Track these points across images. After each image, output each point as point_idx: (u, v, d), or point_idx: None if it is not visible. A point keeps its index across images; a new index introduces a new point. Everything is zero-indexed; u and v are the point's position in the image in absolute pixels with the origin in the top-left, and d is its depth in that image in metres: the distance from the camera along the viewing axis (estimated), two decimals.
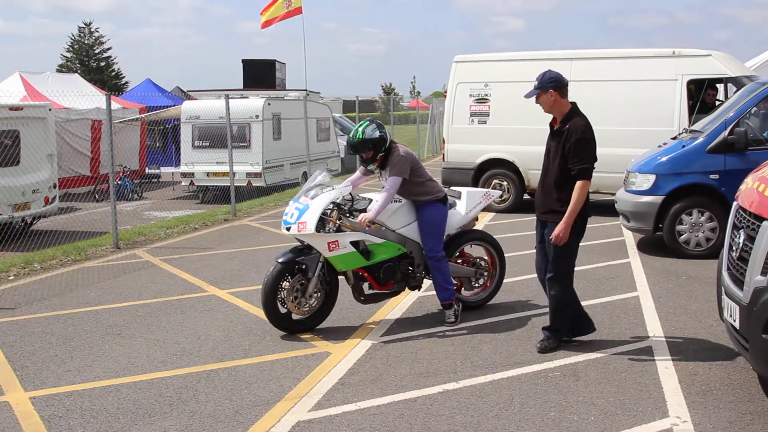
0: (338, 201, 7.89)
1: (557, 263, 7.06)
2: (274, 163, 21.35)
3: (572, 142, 6.86)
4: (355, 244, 7.82)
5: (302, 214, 7.73)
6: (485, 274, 8.82)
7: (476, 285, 8.82)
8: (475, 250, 8.96)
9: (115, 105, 17.52)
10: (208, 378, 6.71)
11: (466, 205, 8.63)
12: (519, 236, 13.18)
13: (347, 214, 7.91)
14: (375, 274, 8.11)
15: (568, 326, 7.29)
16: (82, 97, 21.20)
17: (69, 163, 21.39)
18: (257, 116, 20.77)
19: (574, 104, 7.12)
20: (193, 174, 21.09)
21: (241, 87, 41.86)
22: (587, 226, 7.15)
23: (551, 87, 7.03)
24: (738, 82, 14.63)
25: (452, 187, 9.27)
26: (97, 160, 23.05)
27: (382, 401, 6.08)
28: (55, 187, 16.25)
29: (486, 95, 16.85)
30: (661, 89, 15.13)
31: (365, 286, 8.21)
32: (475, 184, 16.33)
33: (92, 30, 69.71)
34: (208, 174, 20.84)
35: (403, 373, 6.69)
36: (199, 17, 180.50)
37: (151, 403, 6.16)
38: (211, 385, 6.54)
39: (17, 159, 15.25)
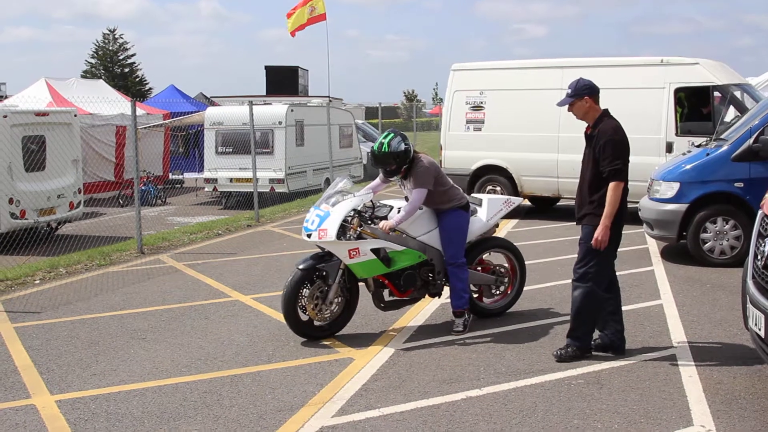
0: (359, 208, 7.87)
1: (584, 265, 7.02)
2: (297, 169, 21.41)
3: (601, 144, 6.87)
4: (375, 251, 7.80)
5: (323, 221, 7.72)
6: (505, 281, 8.78)
7: (496, 293, 8.78)
8: (496, 258, 8.94)
9: (139, 111, 17.66)
10: (232, 383, 6.75)
11: (488, 212, 8.60)
12: (541, 243, 13.17)
13: (368, 222, 7.90)
14: (395, 282, 8.08)
15: (590, 335, 7.22)
16: (107, 103, 21.38)
17: (94, 169, 21.56)
18: (280, 122, 20.82)
19: (606, 110, 7.12)
20: (216, 180, 21.18)
21: (264, 93, 42.06)
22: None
23: (586, 93, 7.03)
24: (724, 91, 14.77)
25: (473, 194, 9.28)
26: (121, 166, 23.21)
27: (406, 407, 6.09)
28: (80, 192, 16.39)
29: (481, 103, 17.21)
30: (650, 97, 15.25)
31: (385, 293, 8.20)
32: (470, 189, 16.61)
33: (116, 36, 70.25)
34: (231, 180, 20.92)
35: (426, 380, 6.70)
36: (221, 24, 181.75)
37: (176, 408, 6.21)
38: (235, 389, 6.58)
39: (43, 164, 15.40)
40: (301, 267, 7.80)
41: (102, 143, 22.68)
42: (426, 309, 9.01)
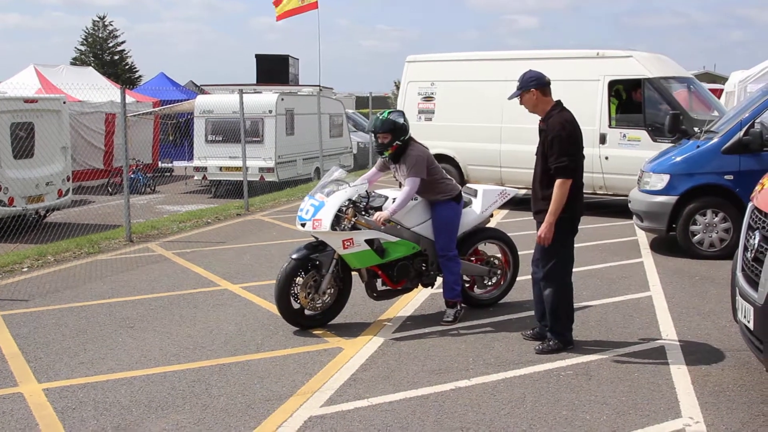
0: (354, 198, 7.85)
1: (546, 263, 7.07)
2: (287, 158, 21.37)
3: (549, 140, 6.87)
4: (369, 242, 7.79)
5: (318, 211, 7.70)
6: (498, 272, 8.79)
7: (489, 283, 8.79)
8: (490, 248, 8.94)
9: (129, 98, 17.60)
10: (220, 372, 6.73)
11: (482, 203, 8.60)
12: (531, 234, 13.14)
13: (363, 212, 7.88)
14: (389, 272, 8.07)
15: (569, 329, 7.23)
16: (97, 90, 21.25)
17: (83, 156, 21.46)
18: (270, 111, 20.77)
19: (557, 102, 7.10)
20: (206, 168, 21.11)
21: (255, 82, 41.93)
22: (596, 226, 7.11)
23: (533, 86, 7.02)
24: (653, 83, 15.05)
25: (468, 185, 9.28)
26: (110, 154, 23.12)
27: (395, 397, 6.08)
28: (68, 179, 16.31)
29: (432, 93, 17.75)
30: (586, 89, 15.53)
31: (378, 282, 8.19)
32: None
33: (106, 24, 69.80)
34: (220, 168, 20.86)
35: (416, 370, 6.69)
36: (212, 12, 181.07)
37: (164, 397, 6.19)
38: (224, 379, 6.56)
39: (31, 151, 15.32)
40: (294, 257, 7.80)
41: (91, 131, 22.57)
42: (416, 299, 9.00)
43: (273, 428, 5.56)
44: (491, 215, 8.84)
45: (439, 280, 8.40)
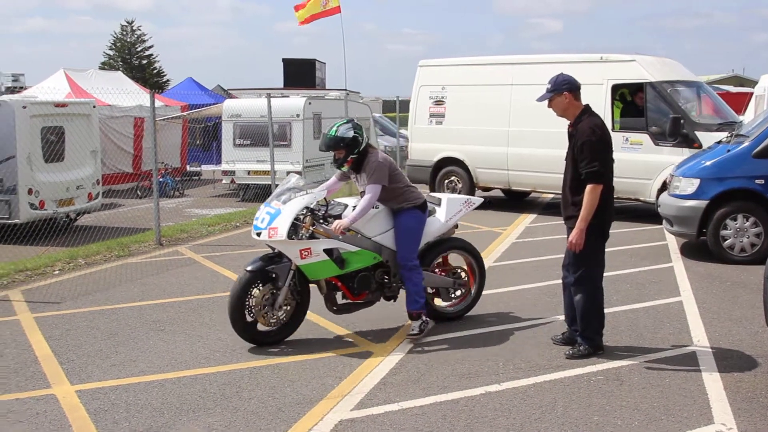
0: (312, 206, 7.51)
1: (577, 268, 7.04)
2: (315, 162, 21.39)
3: (579, 145, 6.83)
4: (328, 252, 7.47)
5: (273, 219, 7.39)
6: (464, 284, 8.49)
7: (454, 296, 8.48)
8: (455, 260, 8.66)
9: (157, 103, 17.68)
10: (251, 375, 6.77)
11: (446, 212, 8.28)
12: (560, 239, 13.10)
13: (321, 221, 7.55)
14: (349, 284, 7.75)
15: (600, 334, 7.20)
16: (125, 94, 21.39)
17: (112, 160, 21.59)
18: (298, 115, 20.81)
19: (586, 106, 7.06)
20: (233, 172, 21.19)
21: (281, 86, 42.09)
22: (625, 231, 7.08)
23: (566, 89, 6.99)
24: (656, 87, 15.01)
25: (432, 194, 8.92)
26: (139, 157, 23.24)
27: (425, 402, 6.09)
28: (98, 183, 16.43)
29: (442, 98, 18.01)
30: (590, 94, 15.24)
31: (338, 295, 7.86)
32: (433, 180, 17.99)
33: (134, 28, 70.35)
34: (248, 172, 20.92)
35: (445, 374, 6.69)
36: (238, 17, 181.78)
37: (195, 399, 6.22)
38: (254, 382, 6.59)
39: (62, 155, 15.45)
40: (249, 269, 7.48)
41: (120, 135, 22.72)
42: None
43: (303, 431, 5.58)
44: (456, 225, 8.53)
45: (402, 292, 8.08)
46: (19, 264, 11.43)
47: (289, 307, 7.58)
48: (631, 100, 15.69)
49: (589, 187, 6.74)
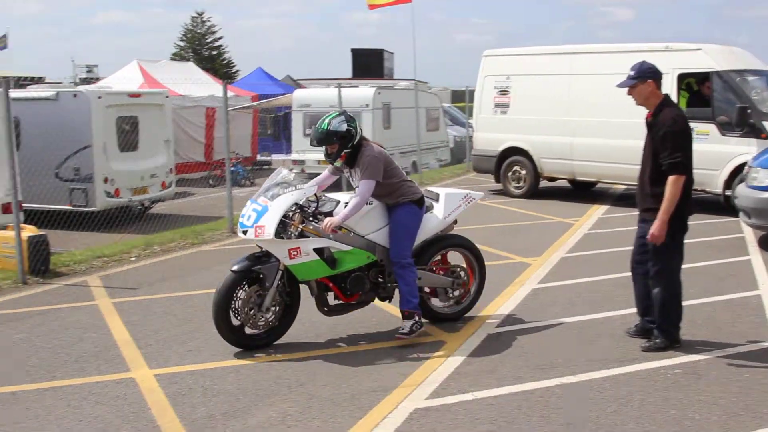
0: (301, 202, 7.07)
1: (657, 261, 6.91)
2: None
3: (660, 135, 6.69)
4: (319, 251, 7.04)
5: (261, 217, 6.95)
6: (463, 284, 8.04)
7: (452, 296, 8.02)
8: (454, 258, 8.23)
9: (228, 93, 17.88)
10: (325, 362, 6.82)
11: (444, 208, 7.82)
12: (633, 231, 12.94)
13: (311, 218, 7.13)
14: (341, 285, 7.32)
15: (677, 327, 7.08)
16: (197, 84, 21.71)
17: (184, 150, 21.94)
18: (367, 105, 20.87)
19: (666, 96, 6.93)
20: (303, 161, 21.36)
21: (350, 76, 42.22)
22: (701, 222, 6.95)
23: (650, 76, 6.85)
24: (722, 77, 14.69)
25: (429, 188, 8.45)
26: (210, 147, 23.58)
27: (499, 392, 6.06)
28: (171, 172, 16.75)
29: (507, 87, 18.00)
30: None
31: (330, 296, 7.45)
32: (498, 170, 18.03)
33: (204, 20, 71.13)
34: (318, 162, 21.01)
35: (519, 365, 6.65)
36: (307, 8, 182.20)
37: (270, 385, 6.29)
38: (328, 369, 6.64)
39: (136, 144, 15.79)
40: (234, 269, 7.05)
41: (192, 124, 23.08)
42: (517, 294, 8.96)
43: (378, 419, 5.60)
44: (455, 221, 8.06)
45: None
46: (97, 251, 11.70)
47: (278, 309, 7.18)
48: (697, 89, 15.42)
49: (671, 178, 6.62)
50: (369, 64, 45.21)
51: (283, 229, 6.93)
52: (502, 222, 14.00)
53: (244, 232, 7.07)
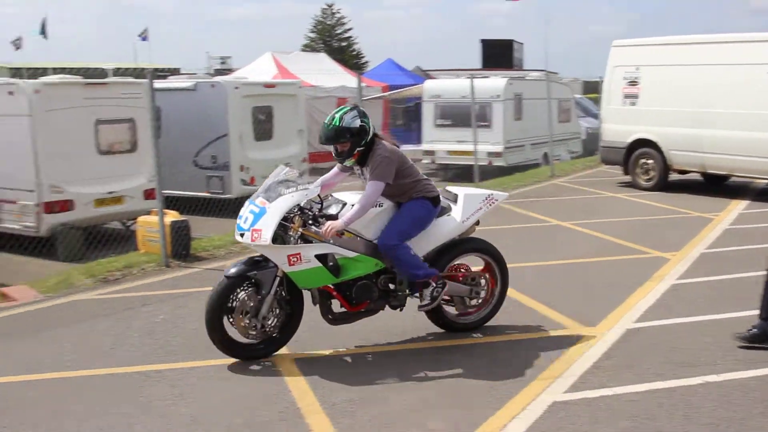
0: (303, 204, 6.52)
1: None
2: (515, 143, 21.25)
3: None
4: (321, 258, 6.45)
5: (258, 220, 6.39)
6: (483, 291, 7.38)
7: (472, 304, 7.38)
8: (474, 263, 7.60)
9: None
10: (464, 352, 6.85)
11: (463, 210, 7.13)
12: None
13: (313, 221, 6.58)
14: (345, 293, 6.72)
15: None
16: (328, 75, 22.01)
17: (317, 139, 22.25)
18: (498, 96, 20.73)
19: None
20: (434, 152, 21.42)
21: (479, 67, 42.06)
22: None
23: None
24: None
25: (448, 188, 7.60)
26: None
27: (639, 388, 5.96)
28: (304, 161, 17.05)
29: (636, 78, 17.48)
30: None
31: (335, 303, 6.85)
32: (626, 162, 17.58)
33: (334, 12, 72.05)
34: (448, 152, 21.09)
35: (659, 361, 6.51)
36: None
37: (410, 373, 6.35)
38: (467, 359, 6.66)
39: (270, 134, 16.20)
40: (229, 274, 6.52)
41: (324, 114, 23.09)
42: (656, 289, 8.76)
43: (517, 411, 5.59)
44: (478, 222, 7.33)
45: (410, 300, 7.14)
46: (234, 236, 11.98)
47: (276, 320, 6.62)
48: None
49: None
50: (498, 54, 44.88)
51: (284, 232, 6.44)
52: (636, 216, 13.76)
53: (241, 235, 6.52)
